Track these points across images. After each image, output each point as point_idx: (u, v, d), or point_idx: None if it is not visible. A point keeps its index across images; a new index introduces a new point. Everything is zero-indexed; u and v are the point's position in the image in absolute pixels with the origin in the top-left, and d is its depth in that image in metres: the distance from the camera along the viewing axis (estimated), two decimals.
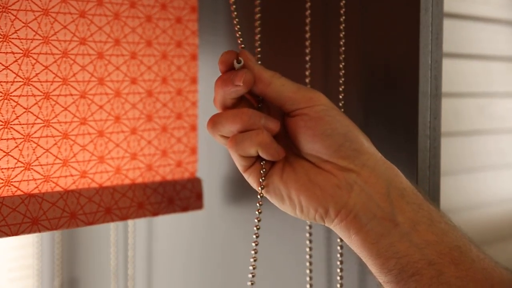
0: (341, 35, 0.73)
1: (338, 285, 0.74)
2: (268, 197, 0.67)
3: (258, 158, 0.66)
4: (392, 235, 0.61)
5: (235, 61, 0.64)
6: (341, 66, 0.73)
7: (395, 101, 0.72)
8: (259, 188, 0.66)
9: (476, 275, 0.60)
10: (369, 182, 0.62)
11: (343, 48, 0.73)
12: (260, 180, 0.66)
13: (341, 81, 0.73)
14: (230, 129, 0.65)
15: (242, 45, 0.67)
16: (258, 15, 0.69)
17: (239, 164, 0.67)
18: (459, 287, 0.60)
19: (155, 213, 0.81)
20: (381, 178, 0.62)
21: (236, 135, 0.65)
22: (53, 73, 0.72)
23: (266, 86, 0.64)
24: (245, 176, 0.68)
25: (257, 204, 0.68)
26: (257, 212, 0.69)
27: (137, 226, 0.99)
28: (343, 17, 0.72)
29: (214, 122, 0.66)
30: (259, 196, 0.66)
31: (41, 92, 0.71)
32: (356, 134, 0.63)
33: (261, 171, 0.66)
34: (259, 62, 0.68)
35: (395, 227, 0.61)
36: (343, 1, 0.72)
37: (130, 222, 0.99)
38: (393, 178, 0.63)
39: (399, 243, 0.61)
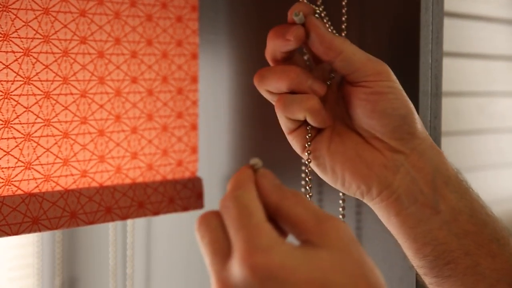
0: (343, 34, 0.73)
1: None
2: (311, 164, 0.65)
3: (304, 123, 0.65)
4: (432, 222, 0.61)
5: (294, 14, 0.62)
6: None
7: None
8: (305, 154, 0.64)
9: None
10: (417, 166, 0.62)
11: None
12: (306, 145, 0.64)
13: None
14: (276, 85, 0.64)
15: (318, 9, 0.65)
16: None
17: (284, 126, 0.65)
18: (494, 279, 0.60)
19: (155, 213, 0.81)
20: (428, 164, 0.62)
21: (284, 96, 0.64)
22: (54, 72, 0.72)
23: (337, 55, 0.62)
24: (289, 139, 0.66)
25: (306, 171, 0.67)
26: (305, 181, 0.67)
27: (136, 225, 0.99)
28: (345, 17, 0.72)
29: (261, 75, 0.64)
30: (306, 162, 0.65)
31: (41, 91, 0.71)
32: (414, 117, 0.62)
33: (307, 136, 0.64)
34: (332, 30, 0.66)
35: (436, 214, 0.61)
36: (345, 1, 0.72)
37: (129, 221, 0.99)
38: (440, 165, 0.62)
39: (438, 231, 0.61)
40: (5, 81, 0.69)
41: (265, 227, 0.46)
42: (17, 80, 0.69)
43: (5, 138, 0.69)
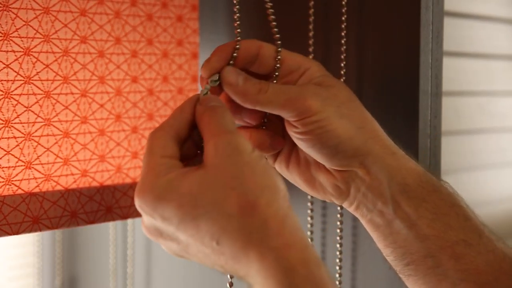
0: (343, 34, 0.73)
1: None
2: None
3: None
4: (390, 227, 0.62)
5: (210, 82, 0.62)
6: (342, 65, 0.73)
7: (395, 99, 0.72)
8: None
9: (480, 267, 0.60)
10: (367, 179, 0.63)
11: (344, 47, 0.73)
12: None
13: (342, 80, 0.73)
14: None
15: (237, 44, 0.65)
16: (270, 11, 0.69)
17: None
18: (457, 278, 0.61)
19: None
20: (379, 175, 0.62)
21: None
22: (54, 72, 0.72)
23: (255, 105, 0.63)
24: None
25: None
26: None
27: (136, 225, 0.99)
28: (345, 16, 0.72)
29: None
30: None
31: (42, 90, 0.71)
32: (349, 141, 0.62)
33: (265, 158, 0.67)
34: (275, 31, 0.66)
35: (393, 220, 0.62)
36: (345, 0, 0.72)
37: (129, 221, 0.99)
38: (395, 174, 0.62)
39: (396, 235, 0.62)
40: (5, 80, 0.69)
41: (156, 162, 0.55)
42: (17, 80, 0.69)
43: (6, 138, 0.69)
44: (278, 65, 0.64)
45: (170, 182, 0.54)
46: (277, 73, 0.64)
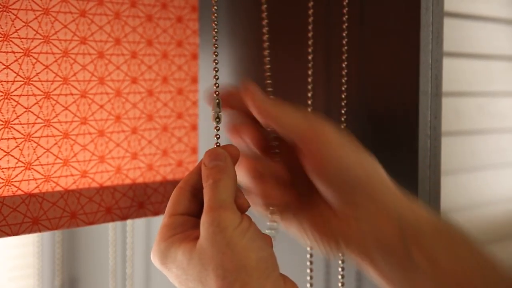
0: (344, 34, 0.73)
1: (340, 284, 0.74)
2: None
3: None
4: (412, 277, 0.59)
5: (216, 107, 0.63)
6: (343, 65, 0.73)
7: (395, 100, 0.72)
8: (268, 231, 0.64)
9: None
10: (378, 224, 0.60)
11: (345, 48, 0.73)
12: (268, 223, 0.65)
13: (343, 81, 0.73)
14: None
15: (217, 92, 0.64)
16: (265, 21, 0.69)
17: None
18: None
19: (155, 213, 0.81)
20: (390, 217, 0.59)
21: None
22: (54, 73, 0.72)
23: (268, 114, 0.62)
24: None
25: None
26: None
27: (136, 225, 0.99)
28: (345, 17, 0.72)
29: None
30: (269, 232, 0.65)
31: (41, 91, 0.71)
32: (350, 187, 0.60)
33: (269, 209, 0.65)
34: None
35: (416, 269, 0.59)
36: (345, 1, 0.72)
37: (128, 221, 0.99)
38: (407, 215, 0.60)
39: (420, 282, 0.59)
40: (5, 81, 0.68)
41: (164, 223, 0.61)
42: (17, 81, 0.69)
43: (5, 139, 0.69)
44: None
45: (168, 249, 0.59)
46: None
